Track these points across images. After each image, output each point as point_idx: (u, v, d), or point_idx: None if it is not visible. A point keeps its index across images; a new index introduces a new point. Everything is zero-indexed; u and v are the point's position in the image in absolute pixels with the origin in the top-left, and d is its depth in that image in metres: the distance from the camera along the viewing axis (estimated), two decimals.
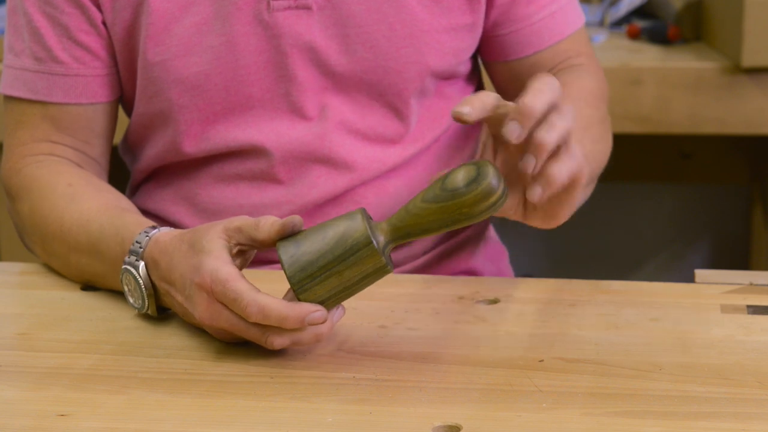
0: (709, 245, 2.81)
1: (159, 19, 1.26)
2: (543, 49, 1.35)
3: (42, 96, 1.30)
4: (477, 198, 0.99)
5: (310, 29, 1.26)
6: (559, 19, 1.35)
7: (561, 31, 1.35)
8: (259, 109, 1.28)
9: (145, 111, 1.31)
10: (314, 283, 1.00)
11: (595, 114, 1.32)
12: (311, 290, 1.01)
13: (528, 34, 1.34)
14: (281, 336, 1.01)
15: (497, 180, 1.00)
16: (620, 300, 1.17)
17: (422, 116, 1.33)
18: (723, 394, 0.97)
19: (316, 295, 1.01)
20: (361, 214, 1.01)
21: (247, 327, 1.02)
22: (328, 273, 1.00)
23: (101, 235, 1.18)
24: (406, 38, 1.28)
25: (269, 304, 0.99)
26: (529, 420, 0.93)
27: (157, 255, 1.10)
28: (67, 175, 1.27)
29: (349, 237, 1.00)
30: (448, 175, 1.01)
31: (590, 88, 1.35)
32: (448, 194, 1.00)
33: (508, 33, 1.34)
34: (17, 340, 1.10)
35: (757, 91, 2.13)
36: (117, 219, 1.18)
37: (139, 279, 1.11)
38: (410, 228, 1.02)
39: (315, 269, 1.00)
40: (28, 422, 0.94)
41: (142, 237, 1.12)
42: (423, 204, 1.01)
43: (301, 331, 1.01)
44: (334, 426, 0.93)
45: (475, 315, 1.13)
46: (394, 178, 1.32)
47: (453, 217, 1.00)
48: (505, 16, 1.33)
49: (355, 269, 1.01)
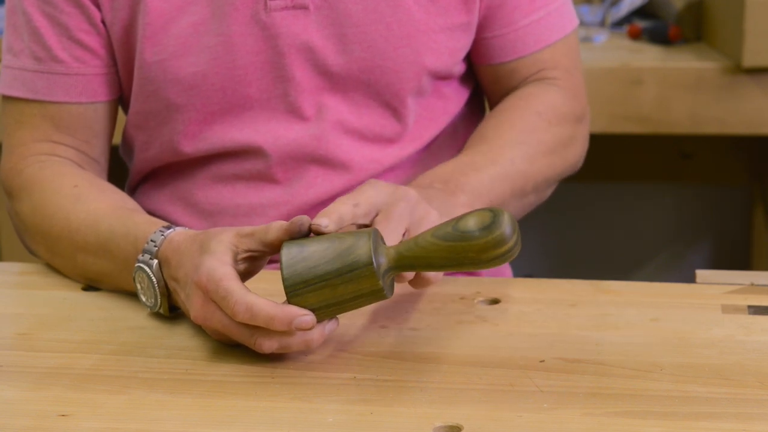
0: (710, 245, 2.81)
1: (156, 18, 1.26)
2: (525, 56, 1.35)
3: (42, 95, 1.30)
4: (487, 245, 0.99)
5: (307, 29, 1.26)
6: (545, 25, 1.34)
7: (544, 38, 1.35)
8: (257, 109, 1.28)
9: (141, 110, 1.31)
10: (307, 290, 1.00)
11: (551, 137, 1.32)
12: (303, 296, 1.00)
13: (512, 39, 1.34)
14: (269, 339, 1.01)
15: (511, 230, 0.99)
16: (621, 300, 1.17)
17: (419, 116, 1.33)
18: (724, 395, 0.97)
19: (307, 303, 1.00)
20: (371, 234, 1.00)
21: (237, 328, 1.01)
22: (323, 283, 0.99)
23: (111, 234, 1.18)
24: (403, 38, 1.28)
25: (257, 303, 0.99)
26: (529, 420, 0.93)
27: (170, 254, 1.10)
28: (70, 176, 1.27)
29: (352, 253, 0.99)
30: (462, 217, 1.00)
31: (555, 104, 1.34)
32: (458, 235, 1.00)
33: (492, 37, 1.33)
34: (18, 340, 1.10)
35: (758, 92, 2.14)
36: (127, 219, 1.18)
37: (152, 277, 1.11)
38: (415, 260, 1.01)
39: (311, 276, 0.99)
40: (28, 422, 0.94)
41: (158, 236, 1.12)
42: (432, 239, 1.00)
43: (289, 336, 1.00)
44: (335, 426, 0.93)
45: (476, 315, 1.13)
46: (391, 178, 1.32)
47: (459, 258, 1.00)
48: (490, 19, 1.33)
49: (350, 286, 0.99)
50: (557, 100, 1.34)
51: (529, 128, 1.31)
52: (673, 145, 2.65)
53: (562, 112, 1.34)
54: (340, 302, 1.00)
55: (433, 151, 1.35)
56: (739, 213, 2.77)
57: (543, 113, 1.32)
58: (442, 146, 1.36)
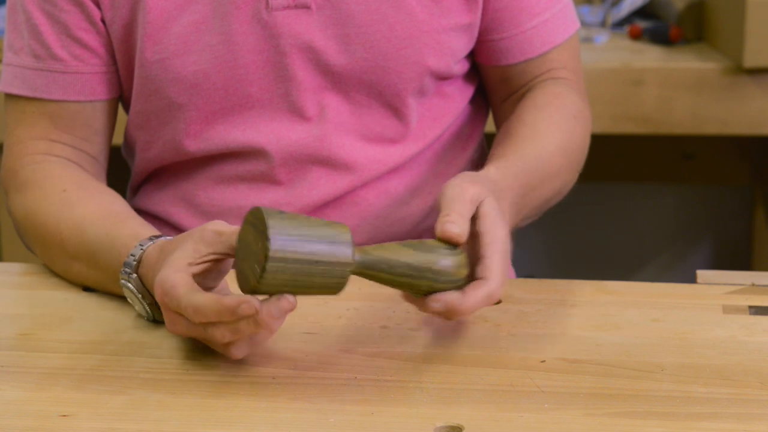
0: (711, 246, 2.81)
1: (156, 17, 1.26)
2: (532, 58, 1.35)
3: (41, 93, 1.30)
4: (456, 262, 1.02)
5: (309, 29, 1.26)
6: (551, 27, 1.34)
7: (551, 40, 1.35)
8: (258, 109, 1.28)
9: (142, 109, 1.31)
10: (287, 270, 0.96)
11: (581, 142, 1.34)
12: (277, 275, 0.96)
13: (519, 41, 1.33)
14: (219, 329, 0.99)
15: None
16: (622, 300, 1.17)
17: (422, 115, 1.33)
18: (725, 395, 0.97)
19: (276, 281, 0.97)
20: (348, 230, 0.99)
21: (196, 330, 1.01)
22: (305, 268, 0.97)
23: (98, 246, 1.18)
24: (406, 38, 1.28)
25: (201, 303, 0.98)
26: (530, 420, 0.93)
27: (146, 270, 1.11)
28: (60, 180, 1.26)
29: (335, 256, 0.98)
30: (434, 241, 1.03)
31: (579, 106, 1.35)
32: (427, 247, 1.02)
33: (498, 39, 1.33)
34: (19, 341, 1.10)
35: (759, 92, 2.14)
36: (112, 229, 1.18)
37: (135, 293, 1.12)
38: (378, 261, 1.00)
39: (295, 259, 0.96)
40: (29, 423, 0.94)
41: (137, 250, 1.12)
42: (400, 245, 1.01)
43: (237, 323, 0.98)
44: (336, 427, 0.93)
45: (477, 315, 1.13)
46: (395, 179, 1.32)
47: (422, 269, 1.00)
48: (496, 21, 1.33)
49: (325, 279, 0.98)
50: (579, 102, 1.35)
51: (571, 134, 1.32)
52: (674, 146, 2.65)
53: (585, 115, 1.35)
54: (301, 288, 0.98)
55: (437, 150, 1.35)
56: (741, 213, 2.77)
57: (577, 117, 1.33)
58: (447, 145, 1.36)
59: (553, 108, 1.32)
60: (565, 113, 1.32)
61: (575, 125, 1.32)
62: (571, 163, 1.32)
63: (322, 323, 1.12)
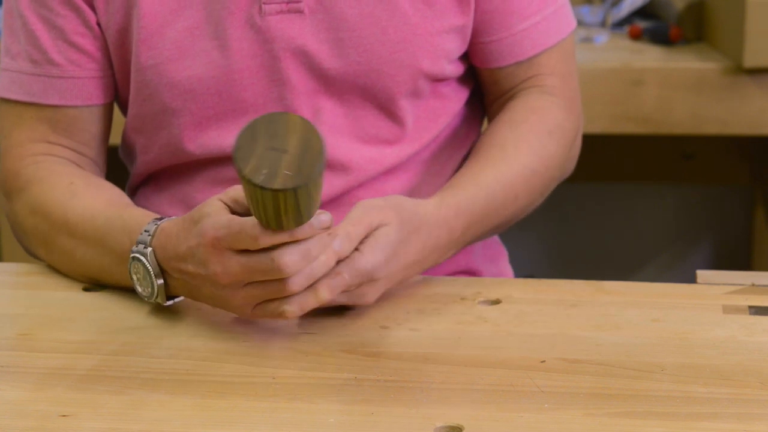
0: (711, 246, 2.81)
1: (150, 22, 1.26)
2: (521, 61, 1.35)
3: (37, 98, 1.30)
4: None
5: (302, 33, 1.26)
6: (542, 29, 1.34)
7: (542, 42, 1.34)
8: (253, 113, 1.28)
9: (139, 113, 1.31)
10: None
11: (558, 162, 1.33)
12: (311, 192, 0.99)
13: (509, 44, 1.33)
14: (290, 254, 1.02)
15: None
16: (622, 300, 1.17)
17: (418, 117, 1.33)
18: (725, 395, 0.97)
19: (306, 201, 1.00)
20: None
21: (258, 260, 1.03)
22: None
23: (108, 228, 1.19)
24: (399, 42, 1.28)
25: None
26: (530, 420, 0.93)
27: (164, 240, 1.11)
28: (66, 174, 1.27)
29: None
30: None
31: (558, 121, 1.34)
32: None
33: (489, 42, 1.33)
34: (19, 341, 1.10)
35: (759, 92, 2.14)
36: (123, 212, 1.20)
37: (147, 265, 1.11)
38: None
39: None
40: (30, 423, 0.94)
41: (151, 226, 1.14)
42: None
43: (309, 244, 1.03)
44: (336, 427, 0.93)
45: (477, 315, 1.13)
46: (391, 179, 1.32)
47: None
48: (487, 23, 1.32)
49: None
50: (560, 116, 1.34)
51: (543, 153, 1.31)
52: (674, 146, 2.65)
53: (565, 128, 1.34)
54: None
55: (434, 150, 1.35)
56: (740, 213, 2.77)
57: (553, 132, 1.32)
58: (444, 146, 1.36)
59: (528, 125, 1.31)
60: (540, 131, 1.31)
61: (549, 143, 1.31)
62: (542, 181, 1.31)
63: (322, 323, 1.12)
